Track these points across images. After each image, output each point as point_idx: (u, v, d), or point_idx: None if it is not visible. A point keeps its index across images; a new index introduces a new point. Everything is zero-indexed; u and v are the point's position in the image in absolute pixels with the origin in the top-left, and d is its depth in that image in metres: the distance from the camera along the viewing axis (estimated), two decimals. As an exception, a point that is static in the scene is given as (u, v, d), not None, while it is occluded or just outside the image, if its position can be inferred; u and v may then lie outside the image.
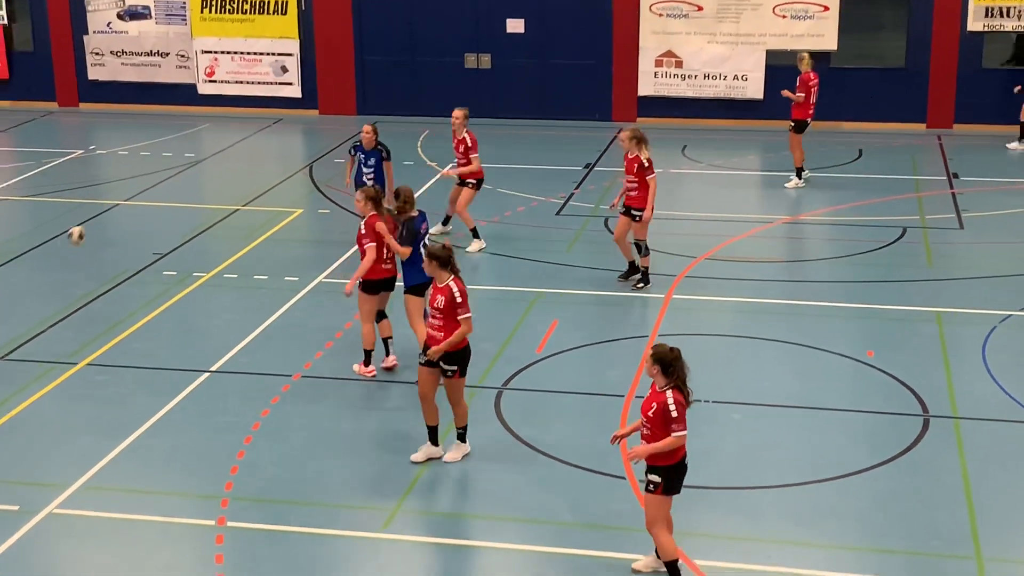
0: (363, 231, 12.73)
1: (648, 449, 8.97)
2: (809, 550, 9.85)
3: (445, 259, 10.74)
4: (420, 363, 11.00)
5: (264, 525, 10.21)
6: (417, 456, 11.12)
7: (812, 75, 19.79)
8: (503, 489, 10.51)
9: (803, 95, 19.72)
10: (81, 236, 13.96)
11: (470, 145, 16.85)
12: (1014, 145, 22.42)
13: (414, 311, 12.77)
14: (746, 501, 10.51)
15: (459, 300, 10.63)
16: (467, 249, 16.64)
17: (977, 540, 9.87)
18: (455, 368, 10.82)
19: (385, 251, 12.77)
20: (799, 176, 20.04)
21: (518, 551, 9.94)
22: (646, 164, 15.00)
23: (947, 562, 9.62)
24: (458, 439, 11.22)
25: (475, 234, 16.97)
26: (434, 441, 11.17)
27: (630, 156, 15.13)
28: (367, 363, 13.00)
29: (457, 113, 16.88)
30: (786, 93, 19.98)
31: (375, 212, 12.77)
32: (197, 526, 10.21)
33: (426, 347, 10.90)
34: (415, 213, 12.88)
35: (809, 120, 19.86)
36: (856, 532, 10.11)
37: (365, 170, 16.84)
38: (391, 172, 16.70)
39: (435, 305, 10.74)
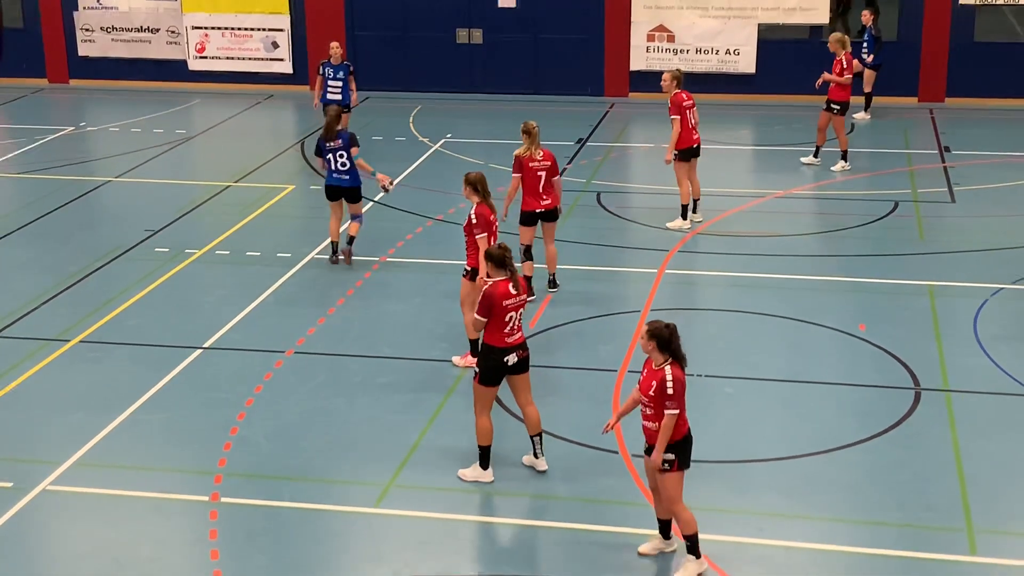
0: (474, 220, 12.06)
1: (661, 446, 8.81)
2: (800, 523, 9.89)
3: (499, 259, 10.11)
4: None
5: (257, 501, 10.23)
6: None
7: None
8: (496, 464, 10.51)
9: (851, 76, 19.21)
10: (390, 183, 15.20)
11: (670, 107, 16.15)
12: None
13: (336, 211, 15.27)
14: (737, 474, 10.55)
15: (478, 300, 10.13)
16: (668, 224, 16.51)
17: (968, 512, 9.92)
18: (476, 370, 10.32)
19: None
20: (845, 159, 19.49)
21: (511, 525, 9.98)
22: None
23: (938, 534, 9.66)
24: (479, 461, 10.43)
25: (683, 212, 16.44)
26: (494, 459, 10.51)
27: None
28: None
29: (665, 75, 16.19)
30: (828, 76, 19.17)
31: (482, 200, 12.14)
32: (190, 502, 10.23)
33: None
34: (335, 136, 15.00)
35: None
36: (847, 505, 10.15)
37: (331, 86, 19.17)
38: (354, 85, 19.72)
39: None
